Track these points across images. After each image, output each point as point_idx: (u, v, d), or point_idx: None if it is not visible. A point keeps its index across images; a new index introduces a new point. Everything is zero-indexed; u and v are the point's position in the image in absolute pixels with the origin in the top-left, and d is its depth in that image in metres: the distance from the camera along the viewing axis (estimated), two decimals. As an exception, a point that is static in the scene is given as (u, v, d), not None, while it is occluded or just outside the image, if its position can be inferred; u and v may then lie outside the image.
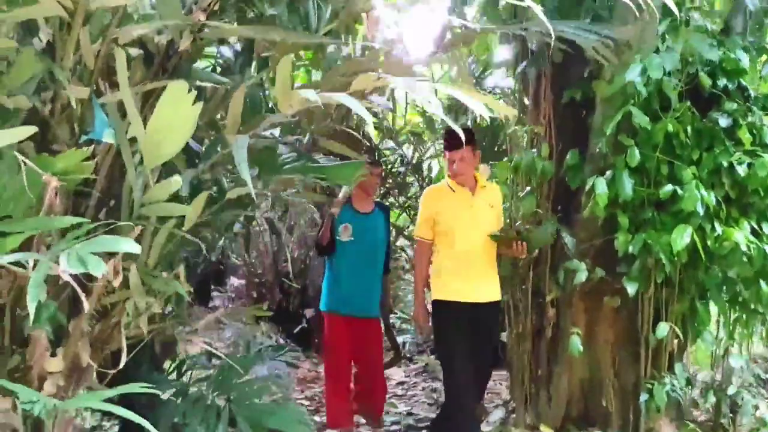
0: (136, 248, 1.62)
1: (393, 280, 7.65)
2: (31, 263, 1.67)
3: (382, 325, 4.96)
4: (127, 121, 1.84)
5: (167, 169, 2.14)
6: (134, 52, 1.98)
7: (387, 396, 4.63)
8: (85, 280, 1.89)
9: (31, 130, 1.56)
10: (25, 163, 1.58)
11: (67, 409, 1.90)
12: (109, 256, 1.80)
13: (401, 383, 5.62)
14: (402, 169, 5.79)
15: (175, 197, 1.92)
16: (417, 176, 5.79)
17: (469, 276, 3.66)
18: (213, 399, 2.85)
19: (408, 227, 6.44)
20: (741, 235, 3.43)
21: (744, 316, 3.89)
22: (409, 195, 5.85)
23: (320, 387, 5.32)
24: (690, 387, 3.77)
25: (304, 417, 2.77)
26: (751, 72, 3.71)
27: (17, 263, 1.76)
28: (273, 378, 2.97)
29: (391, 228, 4.52)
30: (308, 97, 1.69)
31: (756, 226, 3.59)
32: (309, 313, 6.70)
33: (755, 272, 3.58)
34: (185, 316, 3.22)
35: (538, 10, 1.97)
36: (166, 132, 1.68)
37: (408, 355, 6.46)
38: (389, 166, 5.78)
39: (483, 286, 3.69)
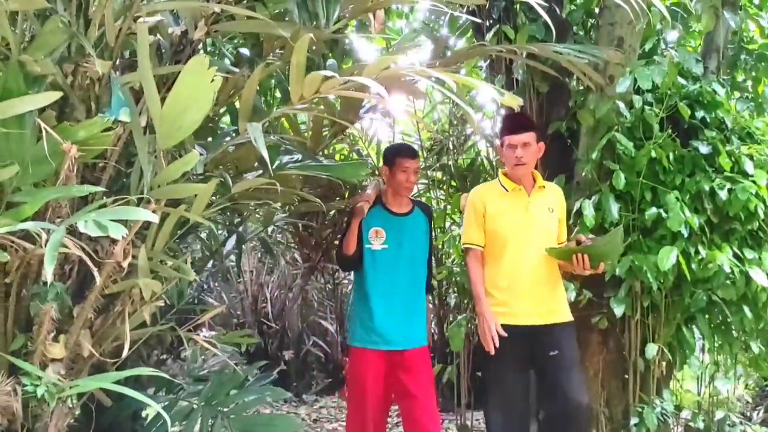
0: (154, 218, 1.62)
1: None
2: (44, 238, 1.66)
3: None
4: (142, 103, 1.86)
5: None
6: (149, 39, 2.01)
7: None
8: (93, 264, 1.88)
9: (56, 95, 1.57)
10: (46, 131, 1.58)
11: (69, 395, 1.85)
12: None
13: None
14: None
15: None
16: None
17: (523, 293, 3.10)
18: (205, 412, 2.78)
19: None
20: (724, 258, 3.52)
21: (729, 344, 3.95)
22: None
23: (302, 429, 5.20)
24: (679, 411, 3.78)
25: (300, 429, 2.70)
26: (726, 105, 3.88)
27: (27, 238, 1.75)
28: (267, 389, 2.91)
29: (432, 236, 3.62)
30: (325, 76, 1.73)
31: (738, 252, 3.69)
32: (288, 355, 6.61)
33: (738, 297, 3.66)
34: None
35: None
36: (186, 106, 1.70)
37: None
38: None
39: (542, 305, 3.11)
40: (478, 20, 4.17)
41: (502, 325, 3.06)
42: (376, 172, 5.68)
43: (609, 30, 3.92)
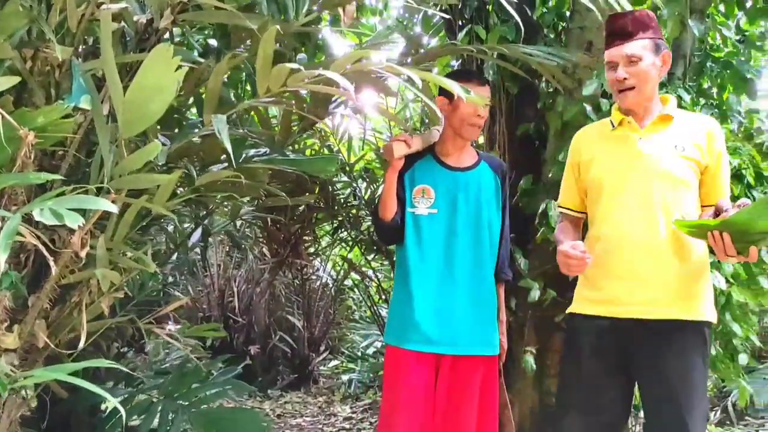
0: (113, 208, 1.60)
1: (340, 321, 7.61)
2: (-2, 224, 1.63)
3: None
4: (105, 91, 1.84)
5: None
6: (113, 26, 1.98)
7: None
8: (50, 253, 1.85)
9: (15, 80, 1.54)
10: (3, 116, 1.55)
11: (23, 385, 1.81)
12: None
13: (348, 419, 5.53)
14: (355, 202, 5.82)
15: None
16: (369, 211, 5.83)
17: (621, 270, 2.14)
18: (165, 406, 2.75)
19: (361, 264, 6.45)
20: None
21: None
22: (362, 229, 5.87)
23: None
24: (638, 411, 3.84)
25: (264, 423, 2.69)
26: (691, 111, 3.95)
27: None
28: (230, 383, 2.89)
29: (507, 203, 2.73)
30: (292, 69, 1.73)
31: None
32: (254, 349, 6.58)
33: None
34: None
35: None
36: (149, 95, 1.68)
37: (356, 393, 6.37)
38: (342, 199, 5.81)
39: (651, 290, 2.11)
40: (449, 18, 4.19)
41: (586, 316, 2.23)
42: (347, 168, 5.69)
43: (579, 33, 3.96)
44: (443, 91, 2.47)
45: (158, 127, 2.72)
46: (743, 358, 3.91)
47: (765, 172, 3.79)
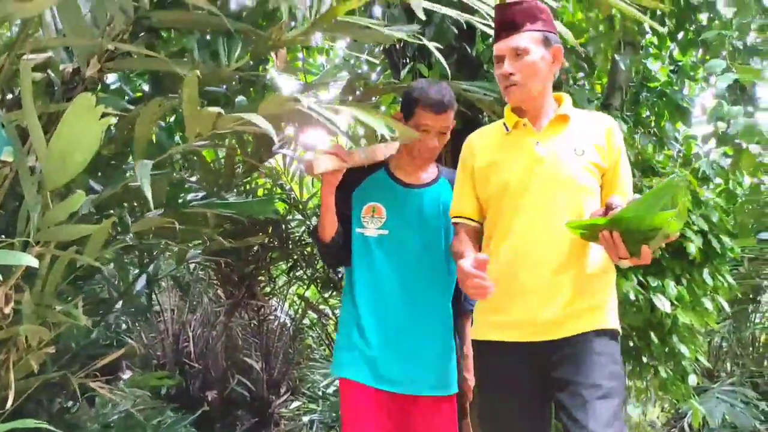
0: (33, 262, 1.56)
1: (300, 361, 7.50)
2: None
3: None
4: (28, 144, 1.81)
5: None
6: (37, 76, 1.97)
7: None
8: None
9: (-74, 134, 1.51)
10: None
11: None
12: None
13: (310, 461, 5.42)
14: (310, 240, 5.79)
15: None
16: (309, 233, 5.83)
17: (524, 290, 1.95)
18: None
19: (318, 302, 6.41)
20: (630, 286, 3.65)
21: (638, 368, 4.08)
22: (318, 267, 5.84)
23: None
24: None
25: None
26: (628, 140, 4.07)
27: None
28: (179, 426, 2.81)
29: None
30: (219, 113, 1.73)
31: (643, 280, 3.83)
32: (211, 395, 6.44)
33: (644, 323, 3.79)
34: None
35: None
36: (72, 147, 1.66)
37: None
38: (296, 237, 5.79)
39: (555, 307, 1.93)
40: (393, 58, 4.27)
41: (492, 342, 2.00)
42: (299, 206, 5.67)
43: (517, 68, 4.06)
44: (403, 107, 2.33)
45: (99, 174, 2.69)
46: (693, 379, 3.99)
47: (701, 196, 3.90)
